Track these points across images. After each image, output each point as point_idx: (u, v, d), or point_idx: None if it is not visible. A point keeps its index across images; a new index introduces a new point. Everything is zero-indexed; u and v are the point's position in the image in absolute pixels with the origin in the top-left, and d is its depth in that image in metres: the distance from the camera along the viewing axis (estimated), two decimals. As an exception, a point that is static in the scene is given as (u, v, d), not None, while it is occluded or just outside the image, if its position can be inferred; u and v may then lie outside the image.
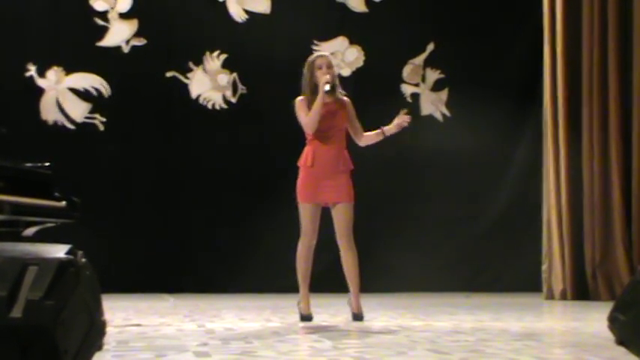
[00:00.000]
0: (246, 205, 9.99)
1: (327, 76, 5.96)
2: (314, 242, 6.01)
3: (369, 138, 6.20)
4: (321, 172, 5.97)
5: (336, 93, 6.05)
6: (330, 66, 6.04)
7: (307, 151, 6.05)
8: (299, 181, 6.03)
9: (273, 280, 9.69)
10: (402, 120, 6.10)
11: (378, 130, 6.15)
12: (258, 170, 10.06)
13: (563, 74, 9.18)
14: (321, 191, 5.97)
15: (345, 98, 6.15)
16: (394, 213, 10.19)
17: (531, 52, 10.31)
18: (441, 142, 10.33)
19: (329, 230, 6.05)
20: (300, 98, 6.08)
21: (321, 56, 6.17)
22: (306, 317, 5.95)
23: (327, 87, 5.92)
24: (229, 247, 9.87)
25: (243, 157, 10.07)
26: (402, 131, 6.19)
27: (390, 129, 6.11)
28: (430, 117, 10.72)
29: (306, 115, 5.96)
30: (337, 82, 6.13)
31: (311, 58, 6.15)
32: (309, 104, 5.97)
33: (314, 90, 5.98)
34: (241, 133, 10.12)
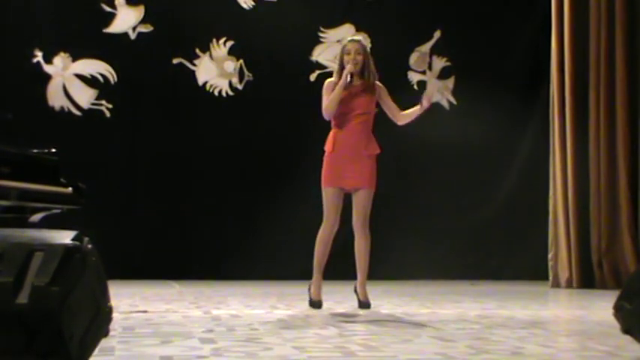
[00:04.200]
0: (253, 192, 10.00)
1: (350, 66, 5.94)
2: (335, 228, 5.99)
3: (406, 116, 6.11)
4: (343, 157, 5.95)
5: (354, 80, 6.00)
6: (358, 52, 5.99)
7: (330, 135, 6.04)
8: (323, 166, 6.03)
9: (279, 267, 9.71)
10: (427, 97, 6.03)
11: (415, 107, 6.05)
12: (264, 157, 10.05)
13: (570, 61, 9.17)
14: (344, 176, 5.94)
15: (377, 82, 6.07)
16: (400, 201, 10.19)
17: (538, 39, 10.29)
18: (447, 130, 10.32)
19: (341, 217, 6.05)
20: (328, 80, 6.08)
21: (352, 40, 6.10)
22: (315, 303, 5.91)
23: (349, 78, 5.92)
24: (235, 233, 9.88)
25: (250, 143, 10.07)
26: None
27: (414, 112, 6.04)
28: (437, 105, 10.69)
29: (327, 98, 5.95)
30: (370, 67, 6.03)
31: (344, 41, 6.16)
32: (335, 88, 5.96)
33: (342, 74, 5.98)
34: (247, 120, 10.12)
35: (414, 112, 6.08)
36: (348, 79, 5.93)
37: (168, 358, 3.28)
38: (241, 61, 10.28)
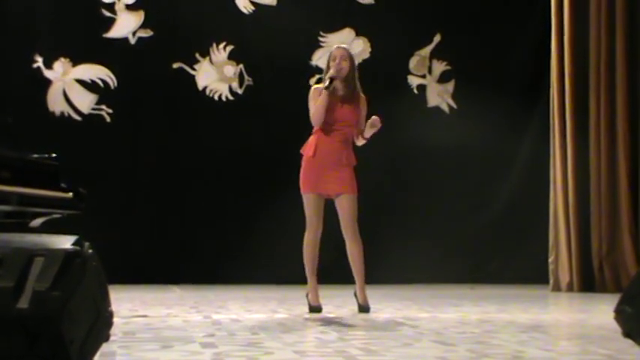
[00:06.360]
0: (252, 196, 10.00)
1: (332, 70, 5.95)
2: (320, 232, 6.00)
3: (361, 139, 6.09)
4: (323, 164, 5.94)
5: (340, 90, 6.01)
6: (344, 58, 6.00)
7: (311, 140, 6.03)
8: (302, 171, 6.03)
9: (279, 271, 9.69)
10: (372, 121, 5.96)
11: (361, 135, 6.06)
12: (264, 161, 10.05)
13: (570, 64, 9.16)
14: (324, 182, 5.95)
15: (362, 95, 6.09)
16: (400, 204, 10.20)
17: (538, 42, 10.29)
18: (447, 134, 10.33)
19: (334, 222, 6.05)
20: (314, 87, 6.08)
21: (339, 47, 6.13)
22: (315, 308, 5.93)
23: (327, 83, 5.92)
24: (235, 238, 9.88)
25: (250, 148, 10.07)
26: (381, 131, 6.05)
27: (366, 132, 6.02)
28: (436, 108, 10.71)
29: (314, 105, 5.95)
30: (354, 75, 6.05)
31: (332, 48, 6.16)
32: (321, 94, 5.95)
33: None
34: (247, 125, 10.12)
35: (357, 137, 6.04)
36: (327, 83, 5.92)
37: (169, 363, 3.28)
38: (241, 65, 10.28)
